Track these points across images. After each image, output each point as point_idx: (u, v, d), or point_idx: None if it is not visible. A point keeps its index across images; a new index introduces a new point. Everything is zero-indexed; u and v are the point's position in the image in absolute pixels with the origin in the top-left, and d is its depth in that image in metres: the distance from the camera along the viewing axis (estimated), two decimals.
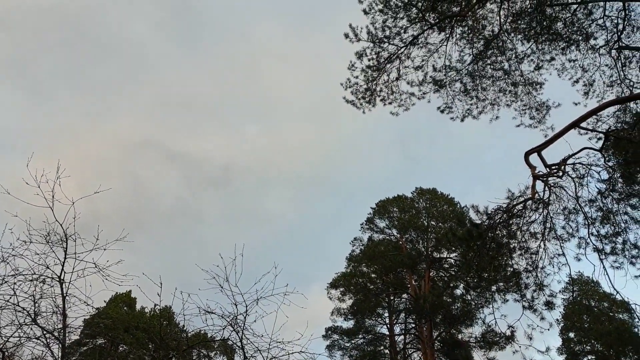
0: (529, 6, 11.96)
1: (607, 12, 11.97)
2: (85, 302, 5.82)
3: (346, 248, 33.24)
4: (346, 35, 12.30)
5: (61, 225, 5.80)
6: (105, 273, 5.89)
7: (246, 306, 5.68)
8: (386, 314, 30.76)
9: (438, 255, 30.59)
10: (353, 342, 29.65)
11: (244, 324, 5.72)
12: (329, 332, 29.89)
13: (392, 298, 31.17)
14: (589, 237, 9.55)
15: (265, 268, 5.64)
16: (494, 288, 10.42)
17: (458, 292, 27.09)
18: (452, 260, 29.92)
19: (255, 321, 5.73)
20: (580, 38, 12.41)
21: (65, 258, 5.89)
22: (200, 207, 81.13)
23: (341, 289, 30.56)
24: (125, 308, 31.25)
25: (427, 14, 11.67)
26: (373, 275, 30.84)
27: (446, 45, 12.44)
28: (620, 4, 11.49)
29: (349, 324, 30.23)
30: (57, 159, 5.72)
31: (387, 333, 29.90)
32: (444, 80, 12.87)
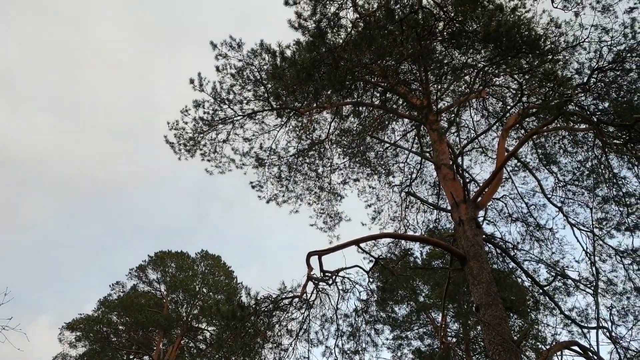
0: (355, 129, 13.51)
1: (408, 160, 14.22)
2: None
3: (102, 288, 29.98)
4: (191, 81, 12.00)
5: None
6: None
7: None
8: None
9: (197, 325, 29.50)
10: None
11: None
12: None
13: (132, 357, 28.43)
14: (334, 348, 10.21)
15: None
16: None
17: None
18: (208, 334, 29.11)
19: None
20: (383, 172, 14.39)
21: None
22: None
23: (78, 334, 26.80)
24: None
25: (272, 98, 12.21)
26: (121, 327, 27.98)
27: (278, 131, 13.05)
28: (419, 158, 13.73)
29: None
30: None
31: None
32: (265, 161, 13.29)
